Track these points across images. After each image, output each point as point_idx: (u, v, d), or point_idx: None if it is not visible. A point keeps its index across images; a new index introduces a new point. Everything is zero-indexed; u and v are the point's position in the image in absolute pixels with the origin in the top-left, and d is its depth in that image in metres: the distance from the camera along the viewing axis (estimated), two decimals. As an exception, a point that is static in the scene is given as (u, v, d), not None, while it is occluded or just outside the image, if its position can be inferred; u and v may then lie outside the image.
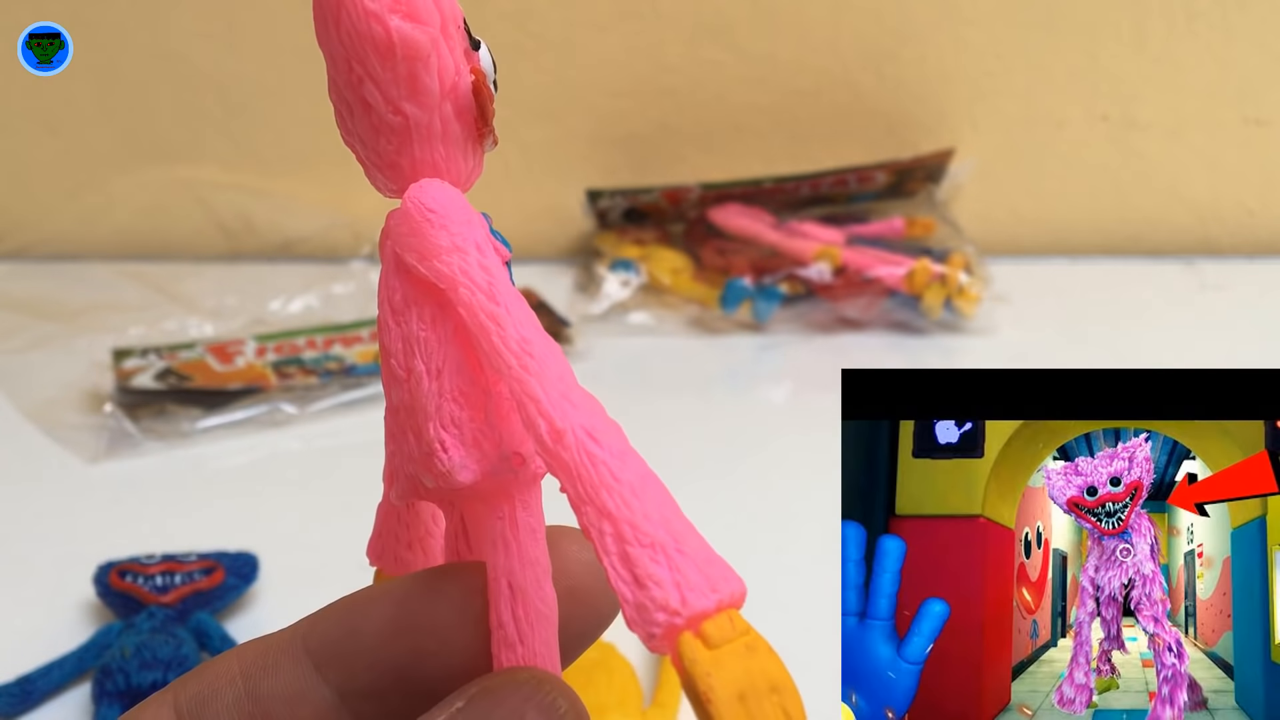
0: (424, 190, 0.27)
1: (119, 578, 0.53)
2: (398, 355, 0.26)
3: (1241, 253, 0.93)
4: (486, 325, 0.25)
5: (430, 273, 0.26)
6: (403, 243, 0.26)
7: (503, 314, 0.25)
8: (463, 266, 0.26)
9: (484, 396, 0.26)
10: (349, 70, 0.26)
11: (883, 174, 0.89)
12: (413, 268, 0.26)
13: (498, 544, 0.26)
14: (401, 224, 0.26)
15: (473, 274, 0.26)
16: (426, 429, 0.26)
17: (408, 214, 0.26)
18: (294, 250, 0.92)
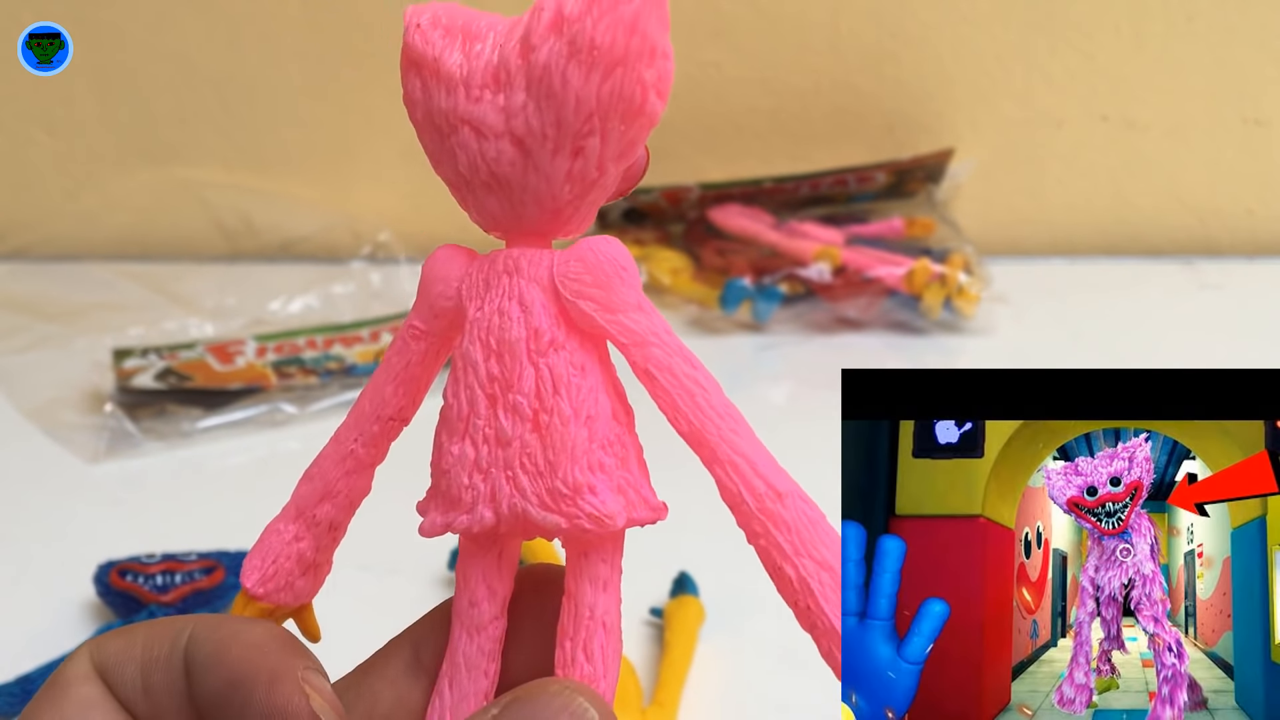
0: (613, 245, 0.28)
1: (119, 577, 0.53)
2: (528, 392, 0.27)
3: (1241, 253, 0.93)
4: (691, 389, 0.27)
5: (613, 326, 0.27)
6: (583, 291, 0.27)
7: (704, 378, 0.27)
8: (652, 327, 0.27)
9: (627, 448, 0.27)
10: (585, 120, 0.26)
11: (882, 174, 0.89)
12: (586, 316, 0.27)
13: (600, 585, 0.27)
14: (585, 272, 0.27)
15: (664, 336, 0.28)
16: (571, 471, 0.27)
17: (596, 264, 0.27)
18: (294, 250, 0.92)
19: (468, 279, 0.29)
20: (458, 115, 0.27)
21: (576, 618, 0.27)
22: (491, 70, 0.26)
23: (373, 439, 0.30)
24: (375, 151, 0.93)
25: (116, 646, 0.27)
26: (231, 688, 0.26)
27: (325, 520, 0.30)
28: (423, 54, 0.27)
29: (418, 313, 0.30)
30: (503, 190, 0.27)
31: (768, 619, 0.53)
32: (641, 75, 0.26)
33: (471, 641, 0.28)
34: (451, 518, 0.27)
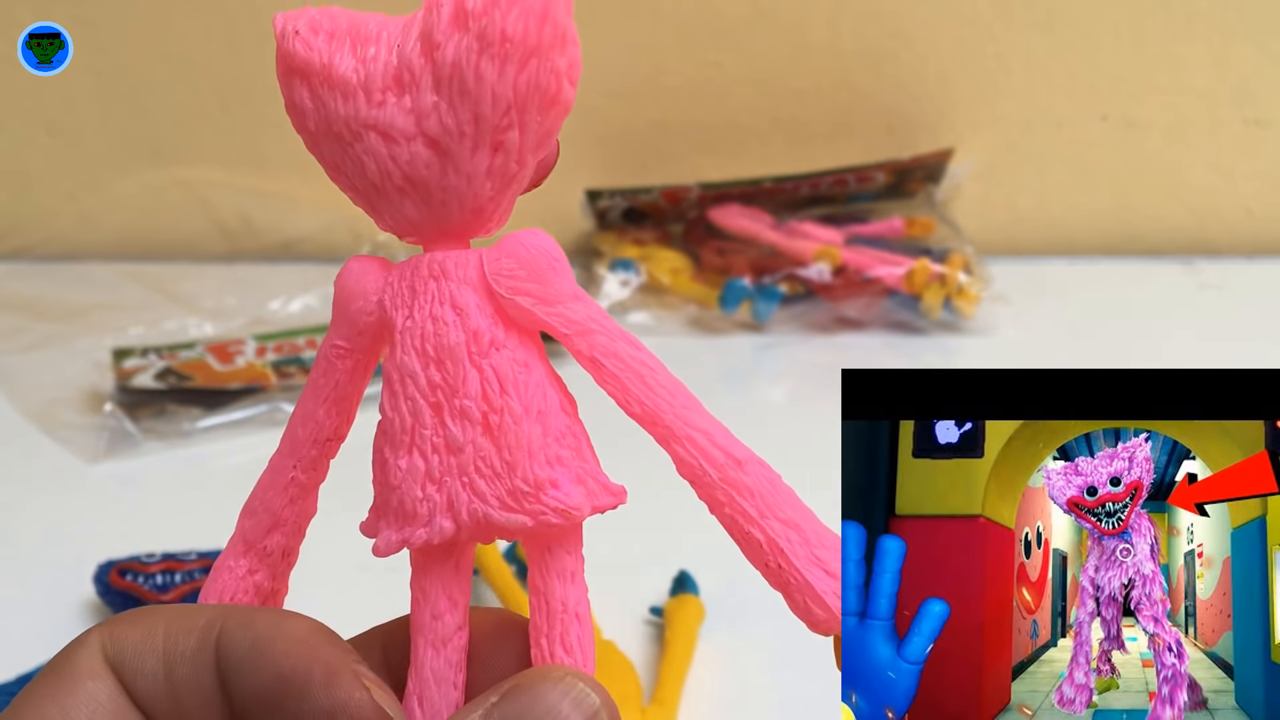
0: (542, 237, 0.27)
1: (119, 576, 0.53)
2: (474, 395, 0.26)
3: (1240, 253, 0.93)
4: (640, 370, 0.27)
5: (554, 319, 0.27)
6: (519, 287, 0.27)
7: (649, 358, 0.27)
8: (591, 314, 0.27)
9: (579, 438, 0.27)
10: (503, 114, 0.26)
11: (882, 174, 0.89)
12: (524, 311, 0.27)
13: (568, 578, 0.27)
14: (519, 267, 0.27)
15: (604, 321, 0.27)
16: (530, 468, 0.26)
17: (529, 258, 0.27)
18: (293, 250, 0.92)
19: (389, 289, 0.28)
20: (360, 121, 0.26)
21: (549, 614, 0.27)
22: (392, 72, 0.26)
23: (312, 463, 0.30)
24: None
25: (135, 637, 0.26)
26: (281, 684, 0.25)
27: (277, 549, 0.30)
28: (308, 61, 0.27)
29: (338, 331, 0.29)
30: (419, 194, 0.27)
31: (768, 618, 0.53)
32: (555, 64, 0.26)
33: (438, 655, 0.28)
34: (408, 533, 0.27)
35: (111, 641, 0.26)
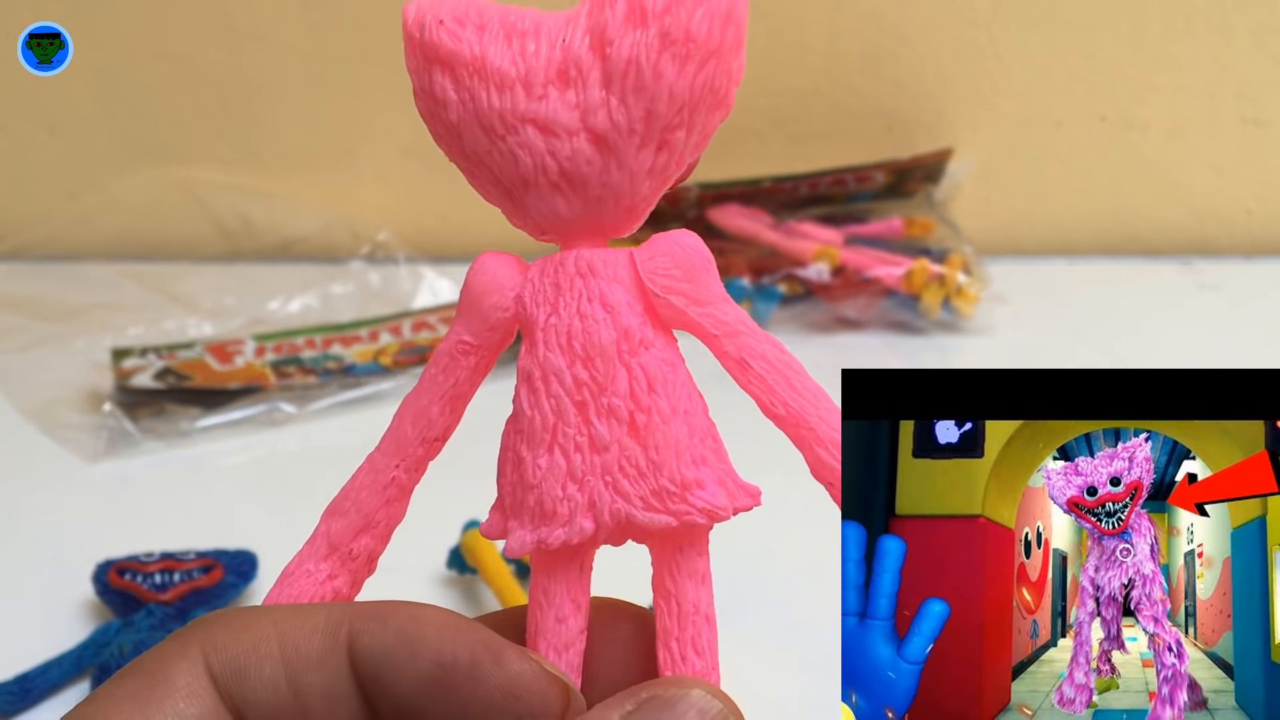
0: (695, 238, 0.28)
1: (118, 576, 0.53)
2: (622, 394, 0.26)
3: (1239, 253, 0.93)
4: (786, 373, 0.28)
5: (705, 319, 0.27)
6: (673, 287, 0.27)
7: (793, 361, 0.28)
8: (739, 316, 0.28)
9: (719, 440, 0.28)
10: (676, 112, 0.26)
11: (881, 174, 0.89)
12: (676, 311, 0.27)
13: (699, 579, 0.27)
14: (674, 267, 0.27)
15: (751, 324, 0.28)
16: (677, 468, 0.27)
17: (684, 259, 0.27)
18: (293, 250, 0.92)
19: (529, 285, 0.27)
20: (517, 115, 0.26)
21: (681, 615, 0.27)
22: (555, 67, 0.26)
23: (416, 463, 0.29)
24: (374, 151, 0.93)
25: (244, 644, 0.25)
26: (445, 671, 0.24)
27: (363, 554, 0.29)
28: (455, 52, 0.27)
29: (466, 326, 0.28)
30: (575, 190, 0.27)
31: (768, 618, 0.53)
32: (730, 66, 0.26)
33: (560, 659, 0.27)
34: (545, 533, 0.26)
35: (218, 652, 0.25)
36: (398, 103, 0.94)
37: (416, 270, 0.87)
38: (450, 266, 0.88)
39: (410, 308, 0.84)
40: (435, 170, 0.93)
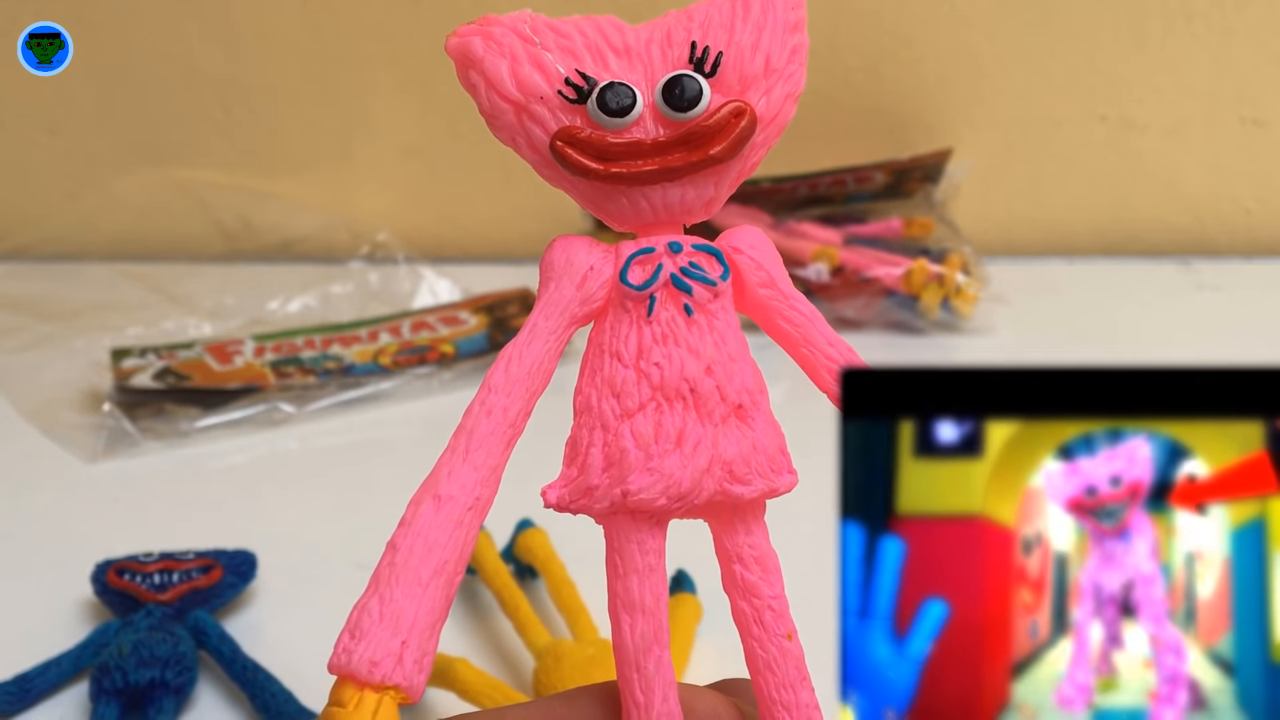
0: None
1: (117, 576, 0.53)
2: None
3: (1239, 253, 0.93)
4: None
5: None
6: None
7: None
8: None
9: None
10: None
11: (881, 174, 0.89)
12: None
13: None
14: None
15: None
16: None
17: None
18: (292, 250, 0.92)
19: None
20: None
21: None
22: None
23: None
24: (374, 152, 0.93)
25: None
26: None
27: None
28: None
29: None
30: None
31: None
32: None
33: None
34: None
35: None
36: (398, 103, 0.94)
37: (416, 270, 0.87)
38: (450, 267, 0.88)
39: (410, 308, 0.84)
40: (435, 170, 0.93)
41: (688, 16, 0.31)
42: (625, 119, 0.29)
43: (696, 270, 0.30)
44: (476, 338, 0.77)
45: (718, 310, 0.30)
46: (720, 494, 0.29)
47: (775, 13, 0.31)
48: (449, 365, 0.75)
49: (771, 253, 0.31)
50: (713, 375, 0.29)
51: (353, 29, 0.89)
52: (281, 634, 0.53)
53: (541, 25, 0.30)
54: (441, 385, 0.74)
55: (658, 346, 0.29)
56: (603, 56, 0.30)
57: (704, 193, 0.30)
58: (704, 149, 0.29)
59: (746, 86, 0.30)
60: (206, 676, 0.50)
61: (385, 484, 0.64)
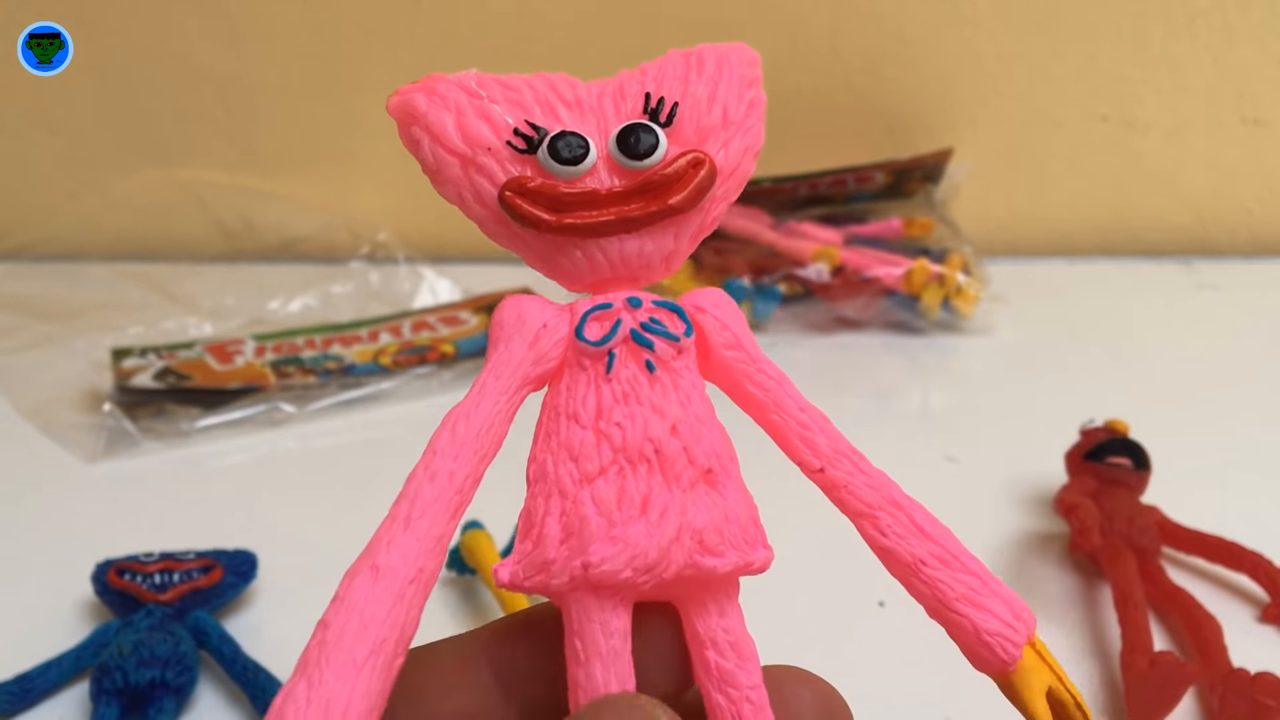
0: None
1: (117, 576, 0.52)
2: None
3: (1240, 253, 0.93)
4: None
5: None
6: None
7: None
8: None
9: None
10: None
11: (881, 174, 0.89)
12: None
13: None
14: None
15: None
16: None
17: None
18: (293, 250, 0.92)
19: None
20: None
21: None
22: None
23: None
24: (374, 152, 0.93)
25: None
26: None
27: None
28: None
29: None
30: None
31: (765, 619, 0.53)
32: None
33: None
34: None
35: None
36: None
37: (416, 270, 0.87)
38: (450, 267, 0.88)
39: (410, 308, 0.84)
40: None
41: (640, 73, 0.30)
42: (579, 168, 0.28)
43: (657, 325, 0.28)
44: (477, 338, 0.77)
45: (681, 369, 0.28)
46: (691, 567, 0.27)
47: (730, 68, 0.30)
48: (449, 365, 0.75)
49: (735, 313, 0.29)
50: (679, 436, 0.27)
51: (353, 29, 0.89)
52: (282, 634, 0.53)
53: (488, 80, 0.29)
54: (442, 385, 0.74)
55: (619, 406, 0.27)
56: (553, 109, 0.29)
57: (663, 245, 0.29)
58: (663, 198, 0.28)
59: (704, 138, 0.29)
60: (207, 677, 0.50)
61: (386, 484, 0.64)
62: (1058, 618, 0.51)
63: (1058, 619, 0.51)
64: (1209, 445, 0.65)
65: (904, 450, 0.64)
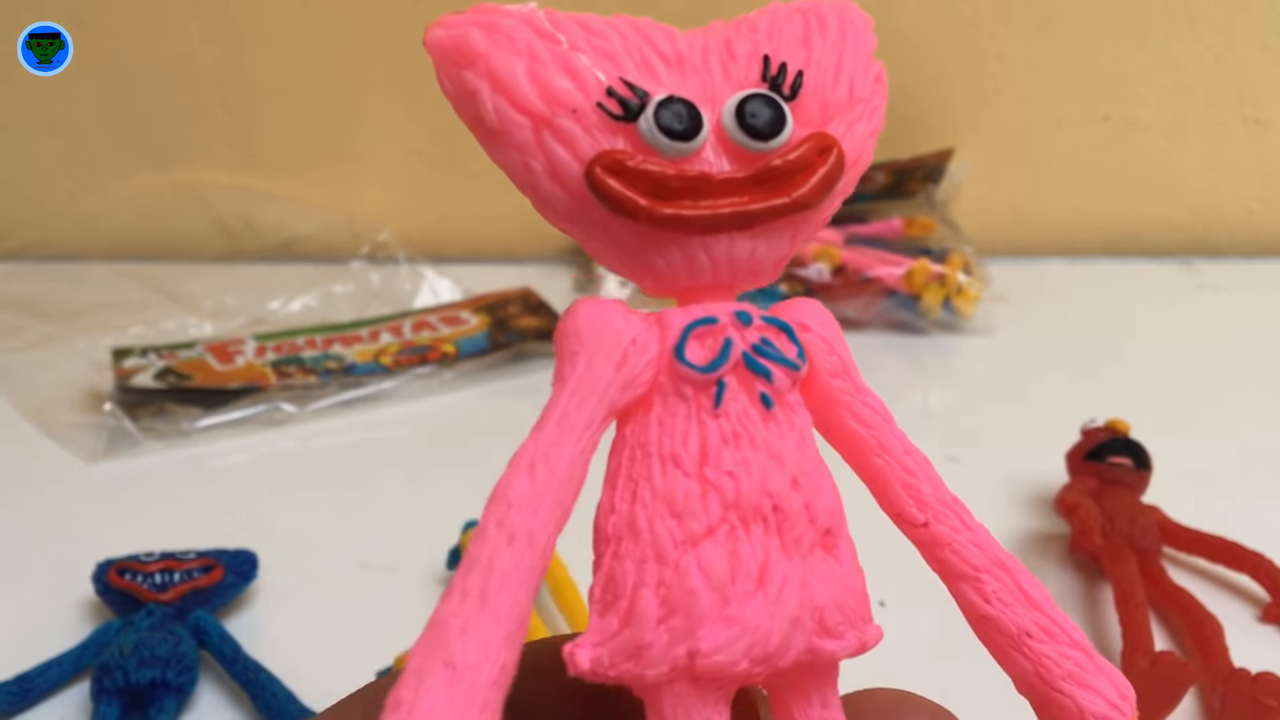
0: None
1: (118, 575, 0.52)
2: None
3: (1241, 253, 0.93)
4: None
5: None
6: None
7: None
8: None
9: None
10: None
11: (882, 174, 0.89)
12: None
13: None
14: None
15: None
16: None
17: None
18: (294, 250, 0.92)
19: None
20: None
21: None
22: None
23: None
24: (375, 151, 0.93)
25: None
26: None
27: None
28: None
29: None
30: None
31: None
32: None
33: None
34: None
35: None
36: (399, 102, 0.94)
37: (417, 270, 0.87)
38: (451, 267, 0.87)
39: (411, 307, 0.84)
40: (436, 170, 0.93)
41: (749, 27, 0.25)
42: (689, 145, 0.22)
43: (772, 349, 0.23)
44: (478, 337, 0.77)
45: (795, 404, 0.23)
46: (809, 652, 0.22)
47: (856, 32, 0.26)
48: (450, 365, 0.75)
49: (839, 333, 0.25)
50: (799, 489, 0.22)
51: (354, 28, 0.89)
52: (283, 634, 0.53)
53: (565, 20, 0.23)
54: (443, 385, 0.74)
55: (729, 449, 0.22)
56: (650, 66, 0.23)
57: (778, 247, 0.24)
58: (786, 189, 0.23)
59: (829, 117, 0.24)
60: (207, 676, 0.50)
61: (387, 484, 0.64)
62: (1059, 618, 0.51)
63: (1059, 619, 0.51)
64: (1210, 445, 0.65)
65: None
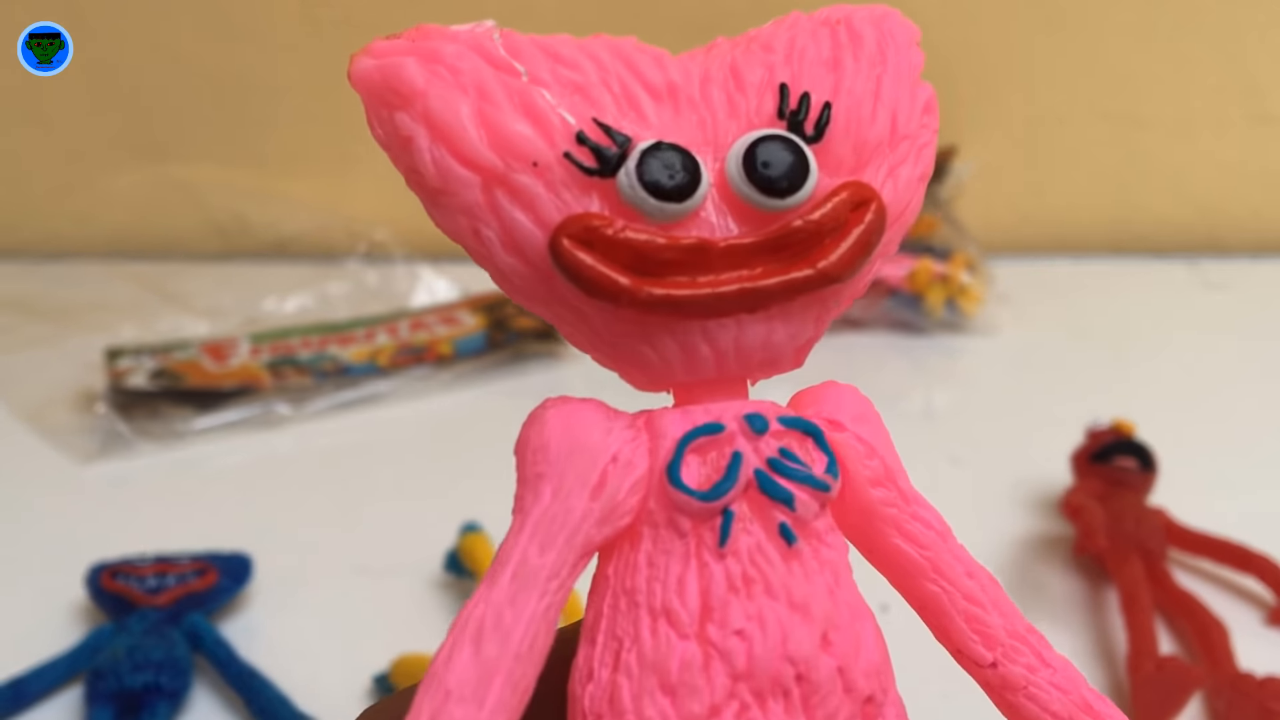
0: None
1: (111, 579, 0.52)
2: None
3: (1246, 251, 0.93)
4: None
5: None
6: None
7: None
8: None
9: None
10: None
11: (884, 173, 0.89)
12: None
13: None
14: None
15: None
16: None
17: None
18: (288, 249, 0.92)
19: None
20: None
21: None
22: None
23: None
24: (371, 150, 0.92)
25: None
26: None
27: None
28: None
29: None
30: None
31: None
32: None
33: None
34: None
35: None
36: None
37: (414, 269, 0.87)
38: (448, 266, 0.87)
39: (407, 307, 0.83)
40: (433, 168, 0.93)
41: (762, 46, 0.20)
42: (683, 205, 0.18)
43: (795, 464, 0.19)
44: (475, 338, 0.76)
45: (825, 531, 0.19)
46: None
47: (898, 49, 0.20)
48: (447, 366, 0.74)
49: (881, 426, 0.20)
50: (831, 650, 0.18)
51: (350, 25, 0.89)
52: (277, 637, 0.52)
53: (524, 45, 0.18)
54: (439, 386, 0.73)
55: (738, 600, 0.18)
56: (634, 101, 0.19)
57: (800, 330, 0.20)
58: (810, 258, 0.18)
59: (865, 161, 0.19)
60: (202, 680, 0.50)
61: (382, 486, 0.64)
62: (1063, 620, 0.51)
63: (1063, 622, 0.51)
64: (1216, 446, 0.65)
65: (908, 452, 0.63)
